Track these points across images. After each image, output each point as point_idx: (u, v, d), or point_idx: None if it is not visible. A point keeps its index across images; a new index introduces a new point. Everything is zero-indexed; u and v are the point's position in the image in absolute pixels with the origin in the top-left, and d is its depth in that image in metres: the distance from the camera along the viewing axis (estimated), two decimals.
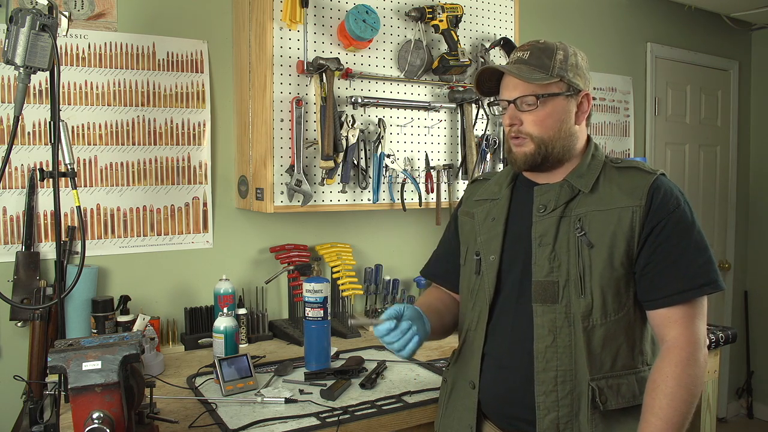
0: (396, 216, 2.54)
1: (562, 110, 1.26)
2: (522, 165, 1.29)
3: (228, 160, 2.24)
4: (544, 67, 1.24)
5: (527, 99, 1.24)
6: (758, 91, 4.11)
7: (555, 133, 1.25)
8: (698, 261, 1.18)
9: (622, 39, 3.35)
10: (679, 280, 1.17)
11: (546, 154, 1.26)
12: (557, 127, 1.26)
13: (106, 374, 1.13)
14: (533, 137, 1.25)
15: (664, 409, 1.14)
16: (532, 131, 1.25)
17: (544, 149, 1.26)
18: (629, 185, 1.24)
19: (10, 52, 1.41)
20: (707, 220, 3.87)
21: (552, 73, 1.23)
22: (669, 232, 1.19)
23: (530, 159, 1.27)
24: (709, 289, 1.18)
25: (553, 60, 1.24)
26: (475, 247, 1.38)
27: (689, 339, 1.17)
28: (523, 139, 1.26)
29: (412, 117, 2.21)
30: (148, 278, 2.11)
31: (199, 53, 2.17)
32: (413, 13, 2.15)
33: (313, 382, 1.70)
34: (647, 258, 1.20)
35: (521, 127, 1.26)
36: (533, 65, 1.24)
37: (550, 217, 1.26)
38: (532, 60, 1.25)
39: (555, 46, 1.27)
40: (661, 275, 1.18)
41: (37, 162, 1.92)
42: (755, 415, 4.11)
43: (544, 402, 1.21)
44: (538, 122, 1.25)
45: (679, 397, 1.14)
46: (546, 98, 1.24)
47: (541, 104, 1.24)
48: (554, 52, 1.25)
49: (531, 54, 1.25)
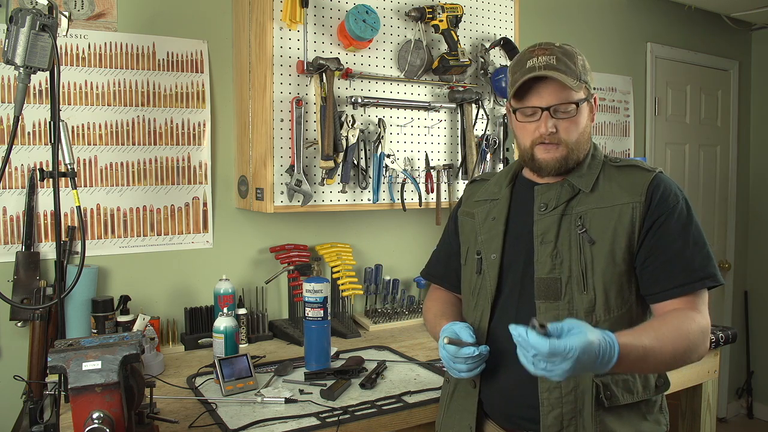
0: (396, 216, 2.54)
1: (587, 115, 1.27)
2: (554, 170, 1.27)
3: (228, 160, 2.24)
4: (573, 74, 1.22)
5: (567, 107, 1.23)
6: (758, 91, 4.11)
7: (582, 137, 1.26)
8: (698, 255, 1.19)
9: (622, 39, 3.36)
10: (680, 273, 1.18)
11: (575, 158, 1.27)
12: (585, 131, 1.27)
13: (106, 374, 1.13)
14: (568, 143, 1.25)
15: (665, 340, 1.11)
16: (567, 138, 1.24)
17: (574, 154, 1.26)
18: (629, 182, 1.24)
19: (10, 52, 1.41)
20: (707, 220, 3.87)
21: (580, 79, 1.23)
22: (669, 227, 1.20)
23: (562, 164, 1.26)
24: (710, 282, 1.19)
25: (577, 66, 1.24)
26: (476, 247, 1.38)
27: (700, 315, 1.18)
28: (556, 145, 1.25)
29: (412, 117, 2.21)
30: (148, 278, 2.11)
31: (199, 53, 2.17)
32: (413, 13, 2.15)
33: (313, 382, 1.70)
34: (647, 252, 1.20)
35: (558, 135, 1.24)
36: (564, 71, 1.22)
37: (552, 215, 1.26)
38: (562, 66, 1.22)
39: (573, 50, 1.26)
40: (662, 269, 1.19)
41: (37, 162, 1.92)
42: (755, 415, 4.11)
43: (548, 399, 1.21)
44: (572, 129, 1.24)
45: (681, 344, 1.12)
46: (580, 104, 1.24)
47: (578, 111, 1.24)
48: (575, 57, 1.25)
49: (557, 59, 1.22)
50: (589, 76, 1.27)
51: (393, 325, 2.37)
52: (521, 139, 1.31)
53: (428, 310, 1.51)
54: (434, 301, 1.53)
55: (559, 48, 1.25)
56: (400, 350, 2.04)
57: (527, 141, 1.28)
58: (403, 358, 1.96)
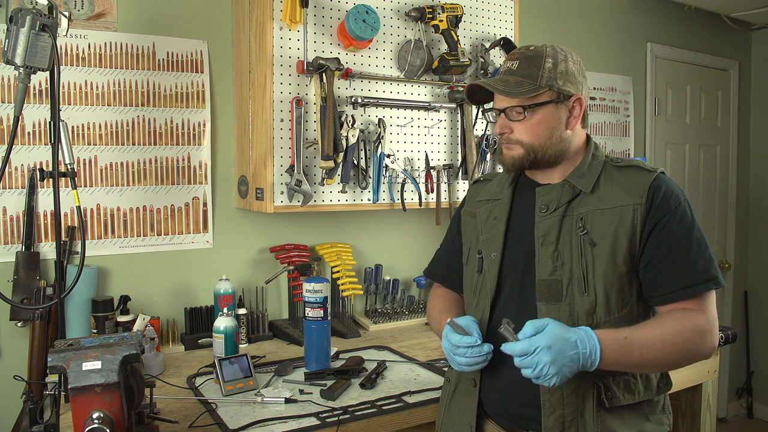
0: (396, 216, 2.54)
1: (552, 118, 1.27)
2: (510, 167, 1.33)
3: (228, 160, 2.24)
4: (533, 77, 1.24)
5: (515, 109, 1.27)
6: (758, 91, 4.11)
7: (546, 140, 1.27)
8: (701, 258, 1.19)
9: (622, 39, 3.36)
10: (683, 276, 1.18)
11: (535, 159, 1.29)
12: (548, 134, 1.27)
13: (106, 374, 1.13)
14: (523, 143, 1.28)
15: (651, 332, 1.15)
16: (522, 138, 1.28)
17: (533, 155, 1.28)
18: (630, 183, 1.24)
19: (10, 52, 1.41)
20: (707, 220, 3.87)
21: (540, 83, 1.24)
22: (671, 229, 1.20)
23: (518, 162, 1.30)
24: (713, 284, 1.19)
25: (542, 69, 1.24)
26: (478, 246, 1.39)
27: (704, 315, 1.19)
28: (513, 144, 1.29)
29: (412, 117, 2.21)
30: (148, 278, 2.11)
31: (199, 53, 2.17)
32: (413, 13, 2.15)
33: (313, 382, 1.70)
34: (650, 255, 1.20)
35: (511, 135, 1.29)
36: (521, 76, 1.25)
37: (552, 217, 1.27)
38: (521, 71, 1.26)
39: (544, 53, 1.26)
40: (665, 272, 1.19)
41: (37, 162, 1.92)
42: (755, 415, 4.11)
43: (549, 400, 1.21)
44: (527, 130, 1.27)
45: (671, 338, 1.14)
46: (534, 108, 1.25)
47: (529, 114, 1.26)
48: (543, 60, 1.25)
49: (519, 64, 1.26)
50: (562, 79, 1.24)
51: (393, 325, 2.37)
52: None
53: (433, 306, 1.51)
54: (438, 298, 1.54)
55: (530, 51, 1.27)
56: (400, 350, 2.04)
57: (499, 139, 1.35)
58: (403, 358, 1.96)
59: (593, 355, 1.09)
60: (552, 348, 1.07)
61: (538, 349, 1.07)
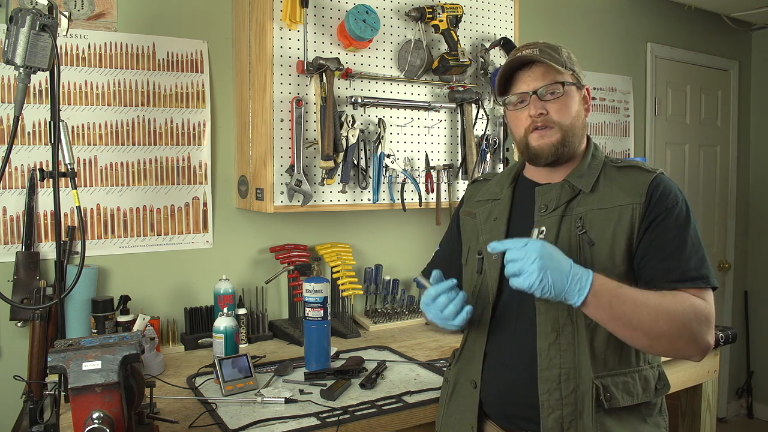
0: (396, 216, 2.54)
1: (577, 101, 1.29)
2: (548, 156, 1.27)
3: (228, 160, 2.24)
4: (557, 61, 1.26)
5: (554, 87, 1.25)
6: (758, 91, 4.11)
7: (575, 122, 1.28)
8: (693, 256, 1.19)
9: (622, 39, 3.36)
10: (674, 272, 1.18)
11: (568, 145, 1.27)
12: (578, 117, 1.29)
13: (106, 374, 1.13)
14: (561, 125, 1.26)
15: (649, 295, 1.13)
16: (559, 119, 1.26)
17: (569, 139, 1.27)
18: (629, 183, 1.25)
19: (10, 52, 1.41)
20: (707, 220, 3.87)
21: (565, 66, 1.27)
22: (666, 226, 1.20)
23: (556, 149, 1.26)
24: (702, 283, 1.18)
25: (561, 56, 1.28)
26: (478, 246, 1.38)
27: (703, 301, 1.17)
28: (550, 128, 1.26)
29: (412, 117, 2.21)
30: (148, 278, 2.11)
31: (199, 53, 2.17)
32: (413, 13, 2.15)
33: (313, 382, 1.70)
34: (644, 250, 1.21)
35: (548, 116, 1.26)
36: (547, 58, 1.26)
37: (552, 217, 1.27)
38: (545, 56, 1.26)
39: (558, 45, 1.31)
40: (658, 267, 1.19)
41: (37, 162, 1.92)
42: (755, 415, 4.11)
43: (548, 400, 1.21)
44: (563, 110, 1.26)
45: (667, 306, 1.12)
46: (568, 86, 1.27)
47: (566, 92, 1.26)
48: (559, 49, 1.29)
49: (540, 51, 1.27)
50: (576, 67, 1.30)
51: (393, 325, 2.37)
52: (516, 130, 1.32)
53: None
54: None
55: (542, 43, 1.30)
56: (400, 350, 2.04)
57: (521, 130, 1.30)
58: (403, 358, 1.96)
59: (583, 279, 1.08)
60: (544, 251, 1.08)
61: (530, 247, 1.08)
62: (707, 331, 1.15)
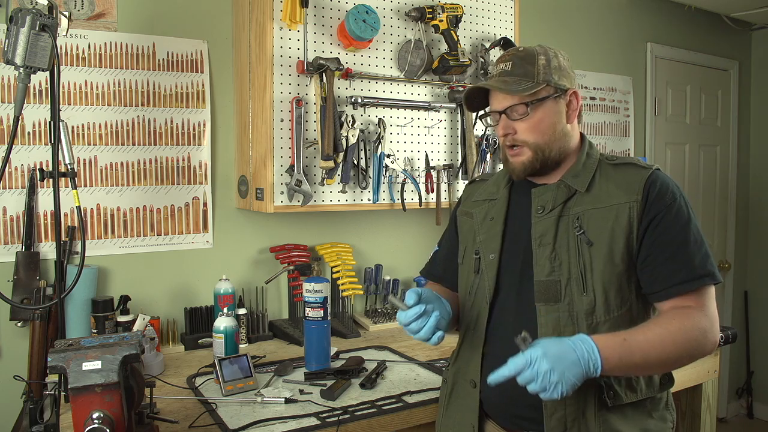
0: (396, 216, 2.54)
1: (553, 112, 1.27)
2: (521, 174, 1.30)
3: (228, 160, 2.24)
4: (529, 75, 1.25)
5: (517, 108, 1.26)
6: (758, 91, 4.11)
7: (550, 137, 1.27)
8: (697, 253, 1.19)
9: (622, 39, 3.35)
10: (680, 271, 1.18)
11: (544, 159, 1.28)
12: (551, 130, 1.27)
13: (106, 374, 1.13)
14: (529, 144, 1.27)
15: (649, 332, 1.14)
16: (527, 138, 1.27)
17: (541, 154, 1.27)
18: (625, 181, 1.24)
19: (10, 52, 1.41)
20: (707, 220, 3.87)
21: (537, 80, 1.25)
22: (667, 224, 1.20)
23: (529, 167, 1.29)
24: (709, 280, 1.18)
25: (536, 66, 1.25)
26: (474, 246, 1.38)
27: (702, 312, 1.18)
28: (520, 148, 1.28)
29: (412, 117, 2.21)
30: (148, 278, 2.11)
31: (199, 53, 2.17)
32: (413, 13, 2.15)
33: (313, 382, 1.70)
34: (647, 251, 1.20)
35: (516, 136, 1.28)
36: (517, 75, 1.25)
37: (549, 218, 1.27)
38: (516, 70, 1.26)
39: (535, 51, 1.28)
40: (662, 267, 1.19)
41: (37, 162, 1.92)
42: (755, 415, 4.11)
43: (551, 401, 1.21)
44: (531, 129, 1.26)
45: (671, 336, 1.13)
46: (535, 104, 1.25)
47: (531, 111, 1.25)
48: (536, 58, 1.26)
49: (513, 64, 1.27)
50: (557, 74, 1.26)
51: (393, 325, 2.37)
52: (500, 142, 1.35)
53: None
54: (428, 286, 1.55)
55: (521, 52, 1.28)
56: (400, 350, 2.04)
57: (502, 145, 1.33)
58: (403, 358, 1.96)
59: (592, 357, 1.07)
60: (548, 355, 1.05)
61: (535, 359, 1.05)
62: (713, 336, 1.18)
